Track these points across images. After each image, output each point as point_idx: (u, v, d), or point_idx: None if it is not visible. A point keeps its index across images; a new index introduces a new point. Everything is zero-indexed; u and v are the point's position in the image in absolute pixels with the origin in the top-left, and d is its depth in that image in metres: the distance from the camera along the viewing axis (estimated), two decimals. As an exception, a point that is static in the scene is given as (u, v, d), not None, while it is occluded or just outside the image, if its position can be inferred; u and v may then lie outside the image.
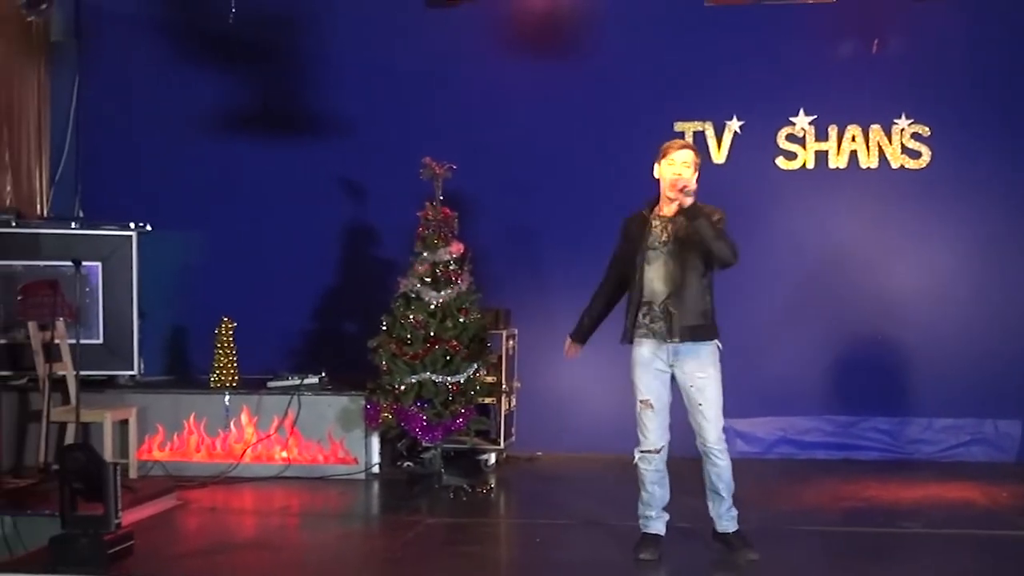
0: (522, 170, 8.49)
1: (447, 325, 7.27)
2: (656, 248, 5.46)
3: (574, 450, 8.40)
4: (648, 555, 5.54)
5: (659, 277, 5.45)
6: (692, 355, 5.45)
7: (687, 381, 5.47)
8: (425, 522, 6.52)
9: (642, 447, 5.56)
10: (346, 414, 7.65)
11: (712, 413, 5.46)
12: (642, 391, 5.53)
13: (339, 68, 8.62)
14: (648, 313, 5.48)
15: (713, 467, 5.51)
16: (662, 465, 5.56)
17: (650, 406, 5.50)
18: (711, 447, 5.48)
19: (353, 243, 8.71)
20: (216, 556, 5.74)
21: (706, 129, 8.44)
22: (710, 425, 5.46)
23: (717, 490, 5.55)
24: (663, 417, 5.54)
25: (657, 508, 5.62)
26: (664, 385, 5.53)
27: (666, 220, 5.48)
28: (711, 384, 5.46)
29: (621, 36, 8.45)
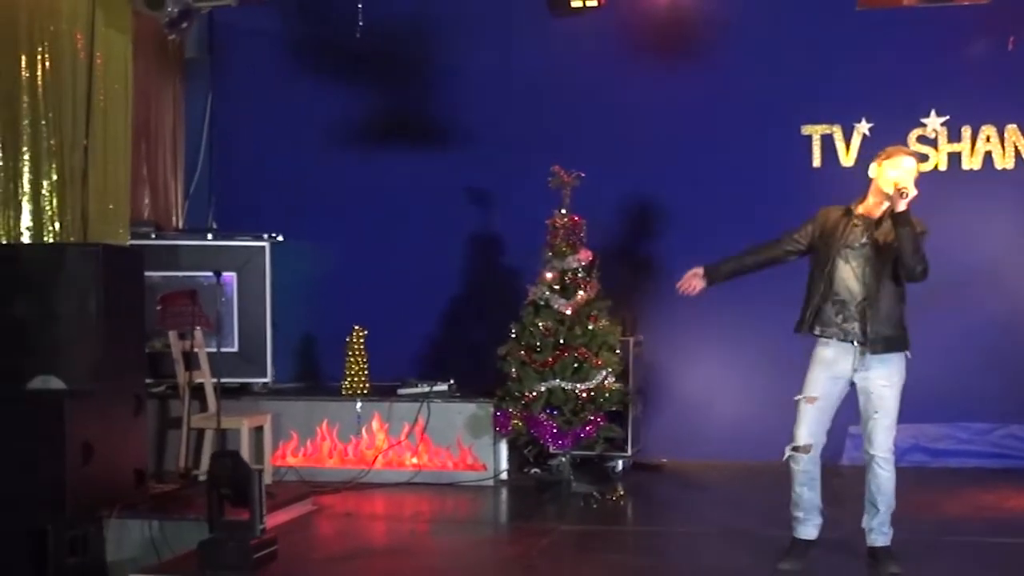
0: (648, 176, 8.47)
1: (576, 332, 7.28)
2: (855, 248, 5.39)
3: (700, 458, 8.34)
4: (789, 564, 5.46)
5: (855, 277, 5.37)
6: (881, 364, 5.37)
7: (869, 388, 5.38)
8: (559, 529, 6.53)
9: (793, 443, 5.45)
10: (475, 421, 7.72)
11: (887, 422, 5.38)
12: (811, 388, 5.42)
13: (466, 78, 8.70)
14: (842, 311, 5.39)
15: (875, 477, 5.42)
16: (812, 467, 5.46)
17: (812, 402, 5.41)
18: (878, 456, 5.40)
19: (480, 251, 8.79)
20: (355, 561, 5.83)
21: (834, 132, 8.31)
22: (881, 433, 5.39)
23: (875, 502, 5.46)
24: (823, 418, 5.44)
25: (805, 511, 5.52)
26: (836, 389, 5.44)
27: (871, 221, 5.41)
28: (892, 393, 5.38)
29: (746, 39, 8.36)
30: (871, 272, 5.34)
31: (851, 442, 7.78)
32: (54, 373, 6.27)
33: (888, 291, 5.35)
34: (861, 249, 5.37)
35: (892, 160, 5.36)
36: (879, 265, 5.34)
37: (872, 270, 5.34)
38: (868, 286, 5.34)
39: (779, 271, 7.67)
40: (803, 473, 5.47)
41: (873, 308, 5.32)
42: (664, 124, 8.50)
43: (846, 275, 5.38)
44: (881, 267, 5.34)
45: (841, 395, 5.46)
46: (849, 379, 5.42)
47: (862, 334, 5.34)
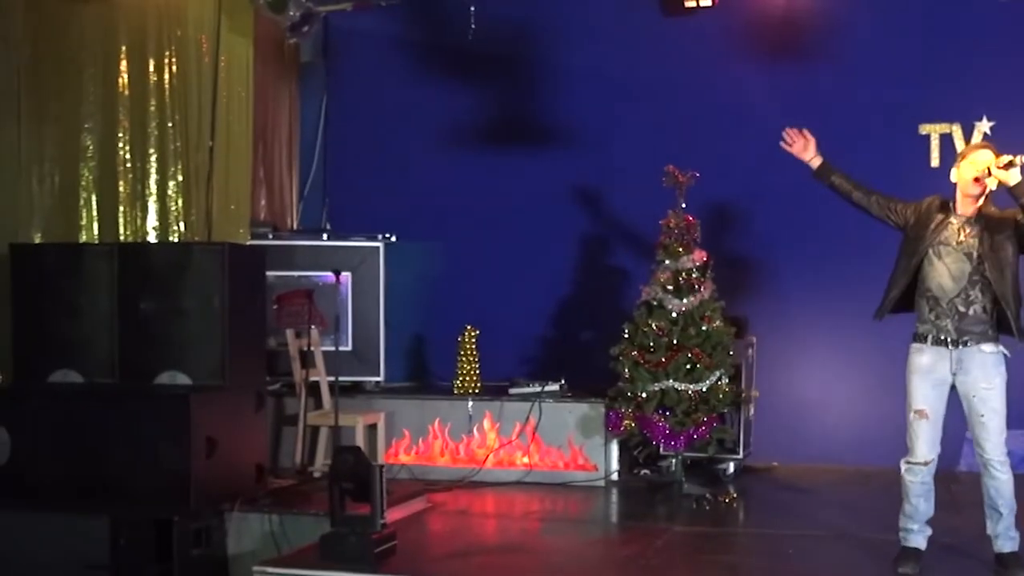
0: (762, 176, 8.34)
1: (690, 333, 7.25)
2: (951, 245, 5.33)
3: (811, 461, 8.23)
4: (909, 569, 5.40)
5: (948, 274, 5.31)
6: (978, 363, 5.29)
7: (970, 391, 5.31)
8: (673, 530, 6.52)
9: (909, 458, 5.42)
10: (586, 421, 7.73)
11: (995, 424, 5.30)
12: (918, 400, 5.37)
13: (576, 78, 8.71)
14: (934, 309, 5.34)
15: (992, 480, 5.34)
16: (929, 478, 5.41)
17: (925, 416, 5.35)
18: (991, 459, 5.32)
19: (590, 252, 8.79)
20: (472, 558, 5.88)
21: (954, 131, 8.14)
22: (992, 436, 5.31)
23: (996, 506, 5.37)
24: (936, 429, 5.39)
25: (920, 522, 5.48)
26: (941, 396, 5.38)
27: (963, 219, 5.37)
28: (995, 394, 5.30)
29: (861, 36, 8.24)
30: (968, 270, 5.28)
31: (968, 447, 7.60)
32: (180, 369, 6.46)
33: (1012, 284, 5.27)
34: (958, 247, 5.31)
35: (967, 159, 5.37)
36: (998, 260, 5.26)
37: (969, 268, 5.28)
38: (997, 283, 5.25)
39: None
40: (921, 485, 5.43)
41: (1005, 302, 5.24)
42: (777, 124, 8.34)
43: (941, 271, 5.32)
44: (1000, 261, 5.26)
45: (945, 402, 5.39)
46: (950, 383, 5.35)
47: (955, 327, 5.28)
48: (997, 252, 5.28)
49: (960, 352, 5.30)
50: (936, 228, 5.37)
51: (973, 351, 5.29)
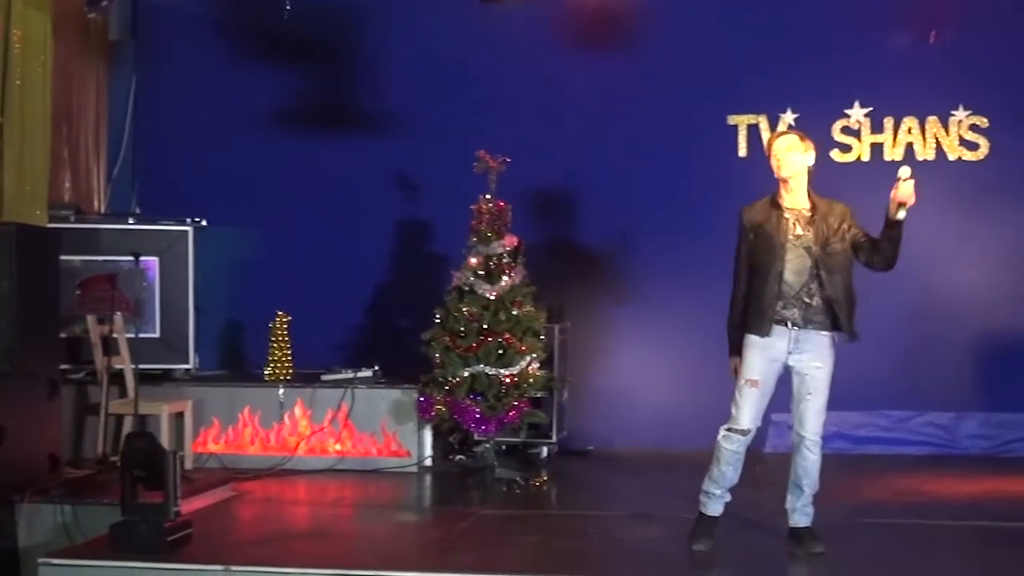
0: (576, 164, 8.49)
1: (501, 318, 7.27)
2: (790, 240, 5.40)
3: (626, 445, 8.38)
4: (702, 546, 5.52)
5: (793, 269, 5.39)
6: (814, 343, 5.41)
7: (803, 369, 5.42)
8: (480, 513, 6.54)
9: (731, 425, 5.46)
10: (399, 407, 7.69)
11: (818, 404, 5.43)
12: (752, 371, 5.43)
13: (393, 64, 8.66)
14: (782, 299, 5.41)
15: (803, 459, 5.48)
16: (743, 449, 5.49)
17: (756, 386, 5.42)
18: (806, 438, 5.45)
19: (408, 238, 8.76)
20: (274, 544, 5.76)
21: (760, 122, 8.39)
22: (812, 416, 5.43)
23: (800, 484, 5.52)
24: (762, 402, 5.47)
25: (723, 488, 5.56)
26: (774, 372, 5.46)
27: (795, 213, 5.44)
28: (824, 375, 5.43)
29: (674, 30, 8.41)
30: (810, 262, 5.37)
31: (774, 430, 7.87)
32: (-36, 354, 6.16)
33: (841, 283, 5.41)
34: (796, 241, 5.40)
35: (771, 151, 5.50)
36: (830, 262, 5.38)
37: (811, 260, 5.37)
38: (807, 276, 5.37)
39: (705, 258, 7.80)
40: (734, 453, 5.50)
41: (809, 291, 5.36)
42: (591, 113, 8.53)
43: (787, 269, 5.40)
44: (832, 264, 5.38)
45: (777, 378, 5.49)
46: (783, 362, 5.45)
47: (801, 320, 5.39)
48: (831, 256, 5.39)
49: (799, 333, 5.41)
50: (778, 226, 5.44)
51: (811, 333, 5.41)
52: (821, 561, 5.36)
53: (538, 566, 5.30)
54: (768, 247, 5.41)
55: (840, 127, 8.32)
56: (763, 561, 5.48)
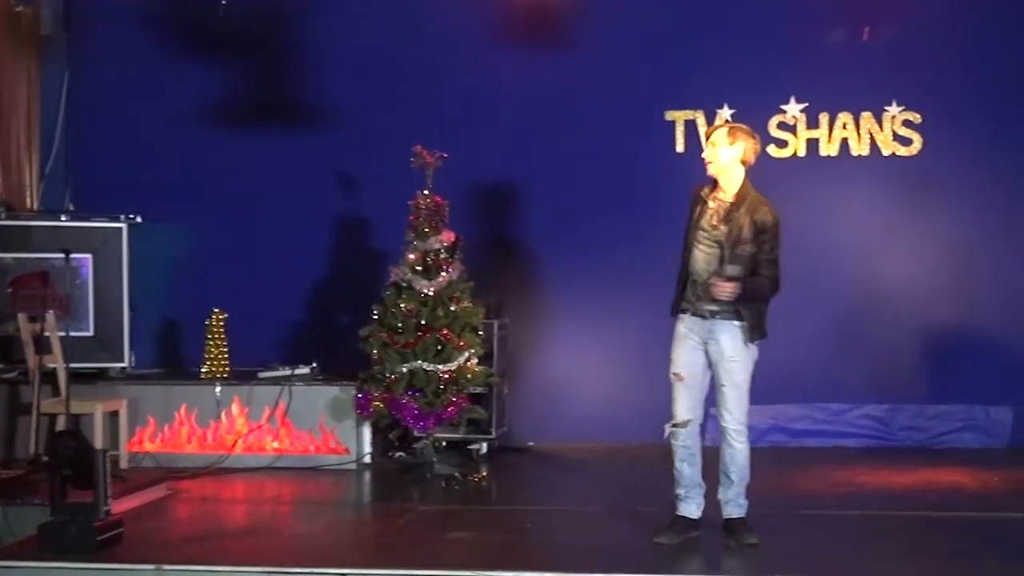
0: (515, 160, 8.48)
1: (438, 314, 7.26)
2: (706, 230, 5.47)
3: (566, 440, 8.38)
4: (666, 538, 5.53)
5: (703, 258, 5.45)
6: (728, 335, 5.45)
7: (718, 359, 5.48)
8: (417, 509, 6.53)
9: (672, 420, 5.54)
10: (337, 404, 7.65)
11: (735, 395, 5.48)
12: (676, 364, 5.52)
13: (332, 59, 8.57)
14: (693, 290, 5.48)
15: (729, 448, 5.53)
16: (690, 442, 5.54)
17: (680, 379, 5.49)
18: (728, 428, 5.51)
19: (347, 234, 8.69)
20: (208, 543, 5.71)
21: (697, 118, 8.43)
22: (732, 406, 5.49)
23: (729, 473, 5.57)
24: (693, 393, 5.53)
25: (686, 487, 5.60)
26: (698, 362, 5.52)
27: (721, 204, 5.49)
28: (739, 367, 5.48)
29: (612, 26, 8.42)
30: (719, 257, 5.42)
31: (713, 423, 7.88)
32: None
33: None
34: (711, 231, 5.46)
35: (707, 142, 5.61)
36: (728, 246, 5.41)
37: (720, 255, 5.42)
38: (712, 269, 5.41)
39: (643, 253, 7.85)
40: (683, 448, 5.56)
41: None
42: (529, 108, 8.52)
43: (696, 258, 5.47)
44: (730, 248, 5.41)
45: (704, 367, 5.54)
46: (703, 350, 5.50)
47: (709, 313, 5.45)
48: (738, 257, 5.39)
49: (712, 323, 5.47)
50: (698, 216, 5.52)
51: (723, 323, 5.46)
52: (755, 552, 5.41)
53: (474, 561, 5.27)
54: (690, 233, 5.50)
55: (776, 123, 8.38)
56: (698, 553, 5.50)
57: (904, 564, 5.17)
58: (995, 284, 8.21)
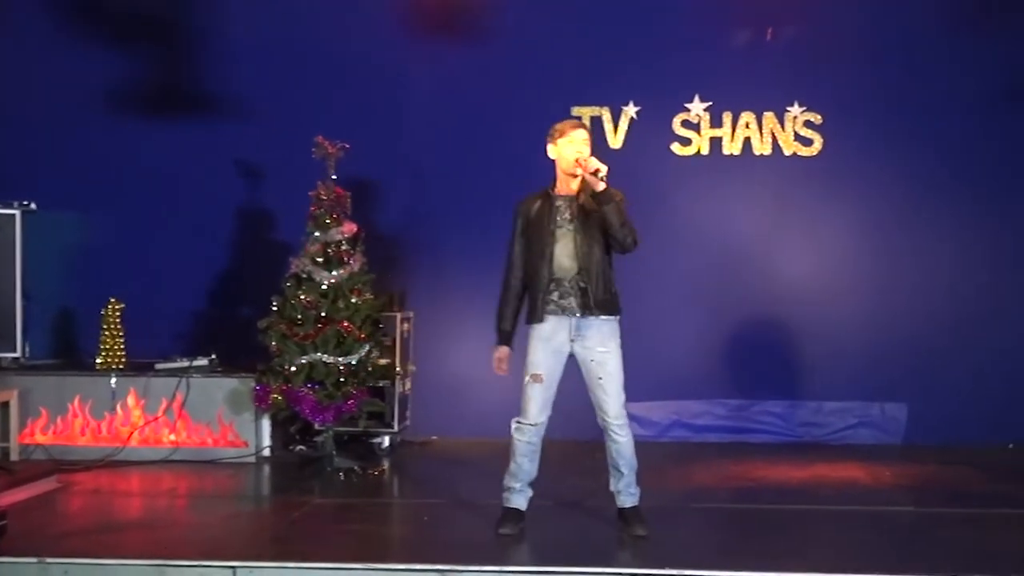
0: (421, 153, 8.45)
1: (339, 306, 7.20)
2: (563, 227, 5.50)
3: (470, 435, 8.35)
4: (508, 529, 5.58)
5: (567, 254, 5.49)
6: (595, 329, 5.50)
7: (588, 356, 5.51)
8: (313, 502, 6.48)
9: (521, 419, 5.60)
10: (236, 396, 7.56)
11: (613, 387, 5.51)
12: (536, 365, 5.55)
13: (235, 47, 8.44)
14: (557, 289, 5.50)
15: (613, 443, 5.57)
16: (536, 440, 5.61)
17: (540, 380, 5.52)
18: (611, 421, 5.53)
19: (248, 224, 8.58)
20: (97, 536, 5.61)
21: (603, 114, 8.46)
22: (611, 399, 5.51)
23: (618, 466, 5.61)
24: (550, 394, 5.58)
25: (523, 482, 5.66)
26: (559, 363, 5.57)
27: (569, 198, 5.54)
28: (612, 358, 5.52)
29: (520, 20, 8.43)
30: (584, 243, 5.47)
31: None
32: None
33: (599, 258, 5.50)
34: (568, 225, 5.51)
35: (566, 137, 5.57)
36: (590, 235, 5.48)
37: (584, 241, 5.48)
38: (580, 258, 5.48)
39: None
40: (528, 445, 5.61)
41: (587, 275, 5.47)
42: (435, 101, 8.50)
43: (559, 253, 5.50)
44: (592, 236, 5.48)
45: (562, 369, 5.59)
46: (568, 352, 5.54)
47: (580, 306, 5.48)
48: (588, 229, 5.49)
49: (579, 321, 5.50)
50: (549, 216, 5.54)
51: (591, 320, 5.50)
52: (645, 544, 5.45)
53: (367, 554, 5.24)
54: (539, 235, 5.52)
55: (680, 121, 8.45)
56: (591, 546, 5.52)
57: (791, 558, 5.23)
58: (892, 283, 8.35)
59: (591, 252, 5.47)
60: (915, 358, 8.28)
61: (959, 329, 8.29)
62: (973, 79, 8.27)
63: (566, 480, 6.60)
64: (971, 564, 5.07)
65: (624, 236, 5.42)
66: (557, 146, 5.58)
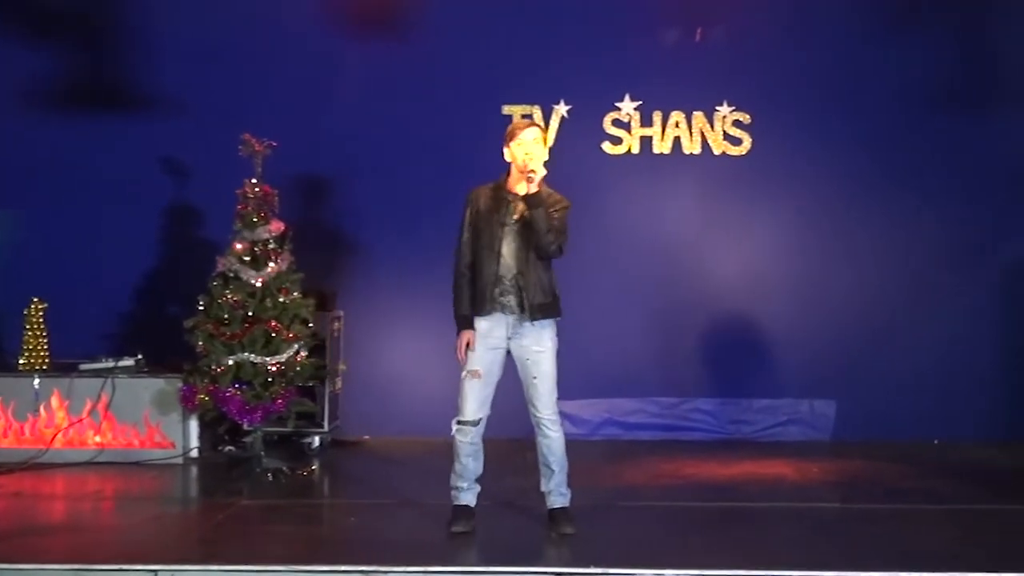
0: (351, 151, 8.37)
1: (267, 305, 7.13)
2: (510, 224, 5.53)
3: (402, 434, 8.31)
4: (461, 527, 5.60)
5: (511, 253, 5.52)
6: (532, 329, 5.54)
7: (524, 354, 5.55)
8: (240, 504, 6.41)
9: (461, 418, 5.60)
10: (163, 397, 7.46)
11: (546, 387, 5.55)
12: (473, 362, 5.56)
13: (161, 42, 8.29)
14: (499, 285, 5.52)
15: (545, 439, 5.60)
16: (478, 439, 5.63)
17: (477, 376, 5.54)
18: (543, 418, 5.57)
19: (176, 223, 8.44)
20: (18, 540, 5.54)
21: (534, 113, 8.44)
22: (544, 398, 5.55)
23: (548, 464, 5.64)
24: (488, 391, 5.60)
25: (469, 480, 5.69)
26: (496, 360, 5.59)
27: (516, 197, 5.56)
28: (546, 357, 5.56)
29: (451, 17, 8.38)
30: (522, 245, 5.51)
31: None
32: None
33: (535, 262, 5.53)
34: (513, 225, 5.53)
35: (516, 140, 5.60)
36: (528, 238, 5.50)
37: (522, 243, 5.51)
38: (519, 259, 5.51)
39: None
40: (470, 444, 5.64)
41: (526, 276, 5.49)
42: (368, 98, 8.42)
43: (505, 250, 5.54)
44: (529, 241, 5.51)
45: (501, 367, 5.62)
46: (505, 349, 5.57)
47: (517, 306, 5.49)
48: (530, 232, 5.49)
49: (518, 319, 5.54)
50: (500, 210, 5.55)
51: (528, 321, 5.52)
52: (573, 542, 5.47)
53: (292, 556, 5.21)
54: (489, 228, 5.53)
55: (611, 120, 8.46)
56: (521, 544, 5.53)
57: (716, 555, 5.27)
58: (822, 281, 8.42)
59: (529, 254, 5.50)
60: (844, 355, 8.37)
61: (888, 326, 8.38)
62: (902, 78, 8.36)
63: (501, 480, 6.58)
64: (896, 560, 5.15)
65: (547, 243, 5.45)
66: (510, 148, 5.61)
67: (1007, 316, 8.40)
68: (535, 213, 5.41)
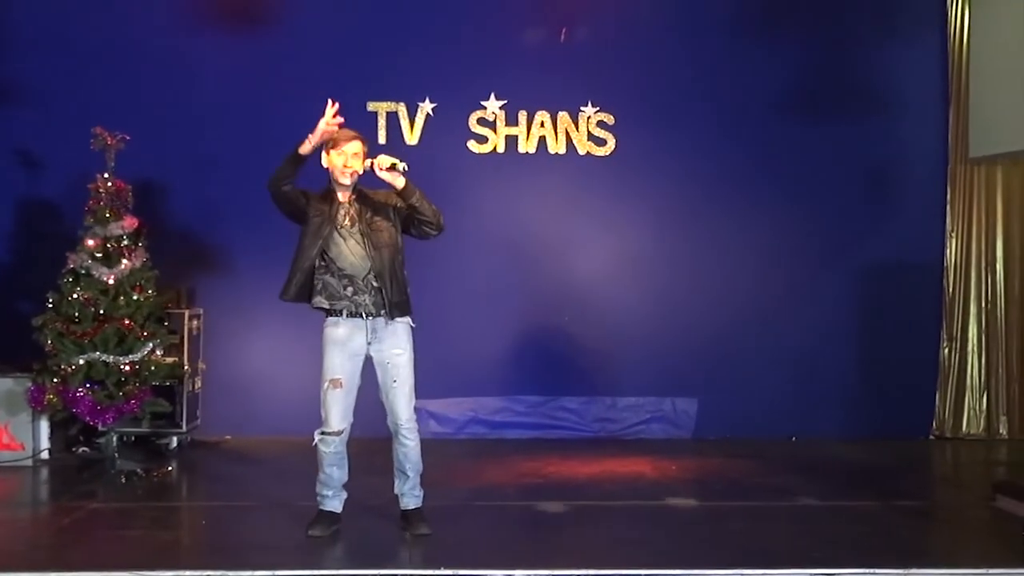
0: (210, 146, 8.20)
1: (120, 303, 6.97)
2: (345, 227, 5.49)
3: (263, 433, 8.20)
4: (319, 531, 5.55)
5: (356, 254, 5.46)
6: (391, 332, 5.51)
7: (384, 358, 5.51)
8: (90, 507, 6.24)
9: (324, 429, 5.54)
10: (11, 397, 7.23)
11: (405, 391, 5.53)
12: (335, 370, 5.50)
13: (13, 32, 8.07)
14: (351, 285, 5.46)
15: (402, 447, 5.59)
16: (342, 447, 5.57)
17: (340, 386, 5.48)
18: (402, 425, 5.55)
19: (26, 217, 8.20)
20: None
21: (399, 110, 8.41)
22: (402, 403, 5.53)
23: (404, 469, 5.63)
24: (350, 399, 5.54)
25: (335, 488, 5.65)
26: (357, 367, 5.55)
27: (345, 205, 5.54)
28: (405, 361, 5.54)
29: (315, 11, 8.31)
30: (370, 248, 5.48)
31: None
32: None
33: (389, 261, 5.50)
34: (353, 228, 5.50)
35: (337, 149, 5.60)
36: (377, 240, 5.50)
37: (371, 246, 5.48)
38: (372, 260, 5.48)
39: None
40: (334, 454, 5.58)
41: (380, 276, 5.47)
42: (229, 92, 8.28)
43: (347, 251, 5.48)
44: (378, 242, 5.49)
45: (360, 373, 5.58)
46: (364, 355, 5.53)
47: (374, 306, 5.46)
48: (377, 232, 5.51)
49: (374, 322, 5.49)
50: (335, 214, 5.52)
51: (387, 322, 5.50)
52: (425, 543, 5.46)
53: (135, 561, 5.07)
54: (330, 237, 5.49)
55: (477, 118, 8.46)
56: (376, 545, 5.51)
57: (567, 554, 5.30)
58: (684, 282, 8.54)
59: (381, 254, 5.48)
60: (706, 354, 8.50)
61: (749, 325, 8.54)
62: (763, 82, 8.52)
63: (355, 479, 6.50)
64: (749, 557, 5.24)
65: (438, 218, 5.55)
66: (329, 156, 5.59)
67: (864, 316, 8.63)
68: (414, 201, 5.46)
